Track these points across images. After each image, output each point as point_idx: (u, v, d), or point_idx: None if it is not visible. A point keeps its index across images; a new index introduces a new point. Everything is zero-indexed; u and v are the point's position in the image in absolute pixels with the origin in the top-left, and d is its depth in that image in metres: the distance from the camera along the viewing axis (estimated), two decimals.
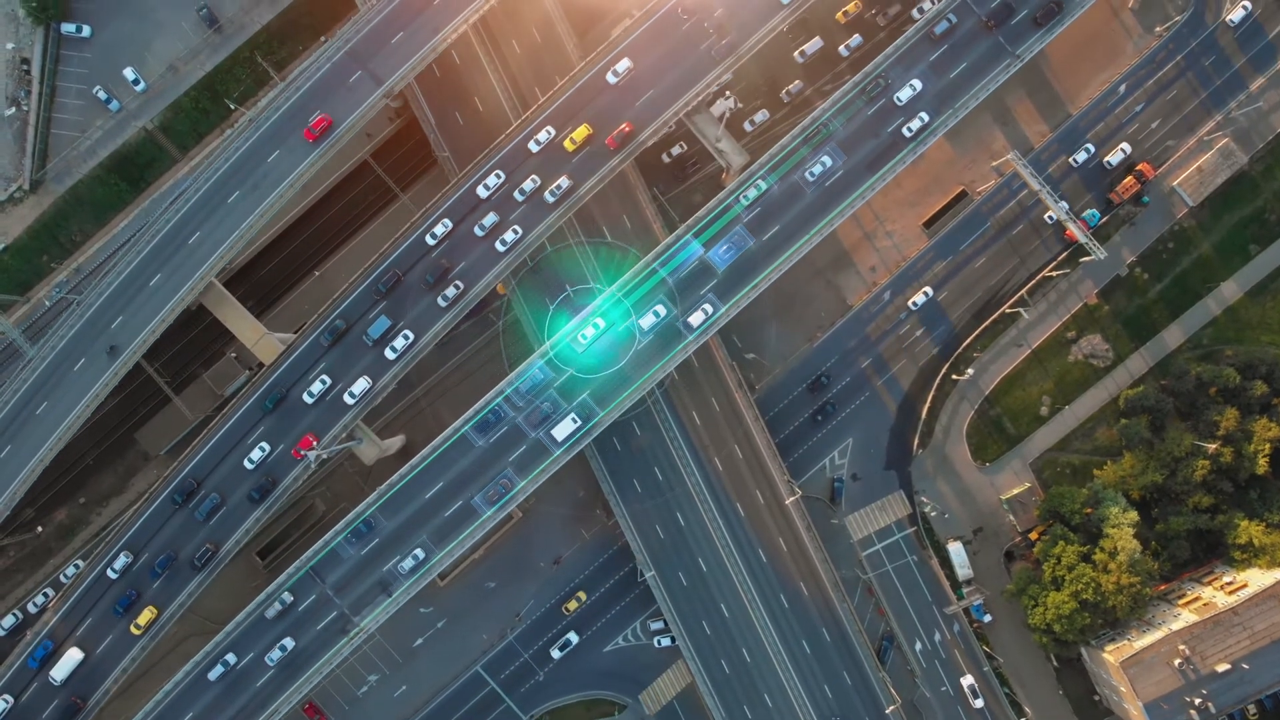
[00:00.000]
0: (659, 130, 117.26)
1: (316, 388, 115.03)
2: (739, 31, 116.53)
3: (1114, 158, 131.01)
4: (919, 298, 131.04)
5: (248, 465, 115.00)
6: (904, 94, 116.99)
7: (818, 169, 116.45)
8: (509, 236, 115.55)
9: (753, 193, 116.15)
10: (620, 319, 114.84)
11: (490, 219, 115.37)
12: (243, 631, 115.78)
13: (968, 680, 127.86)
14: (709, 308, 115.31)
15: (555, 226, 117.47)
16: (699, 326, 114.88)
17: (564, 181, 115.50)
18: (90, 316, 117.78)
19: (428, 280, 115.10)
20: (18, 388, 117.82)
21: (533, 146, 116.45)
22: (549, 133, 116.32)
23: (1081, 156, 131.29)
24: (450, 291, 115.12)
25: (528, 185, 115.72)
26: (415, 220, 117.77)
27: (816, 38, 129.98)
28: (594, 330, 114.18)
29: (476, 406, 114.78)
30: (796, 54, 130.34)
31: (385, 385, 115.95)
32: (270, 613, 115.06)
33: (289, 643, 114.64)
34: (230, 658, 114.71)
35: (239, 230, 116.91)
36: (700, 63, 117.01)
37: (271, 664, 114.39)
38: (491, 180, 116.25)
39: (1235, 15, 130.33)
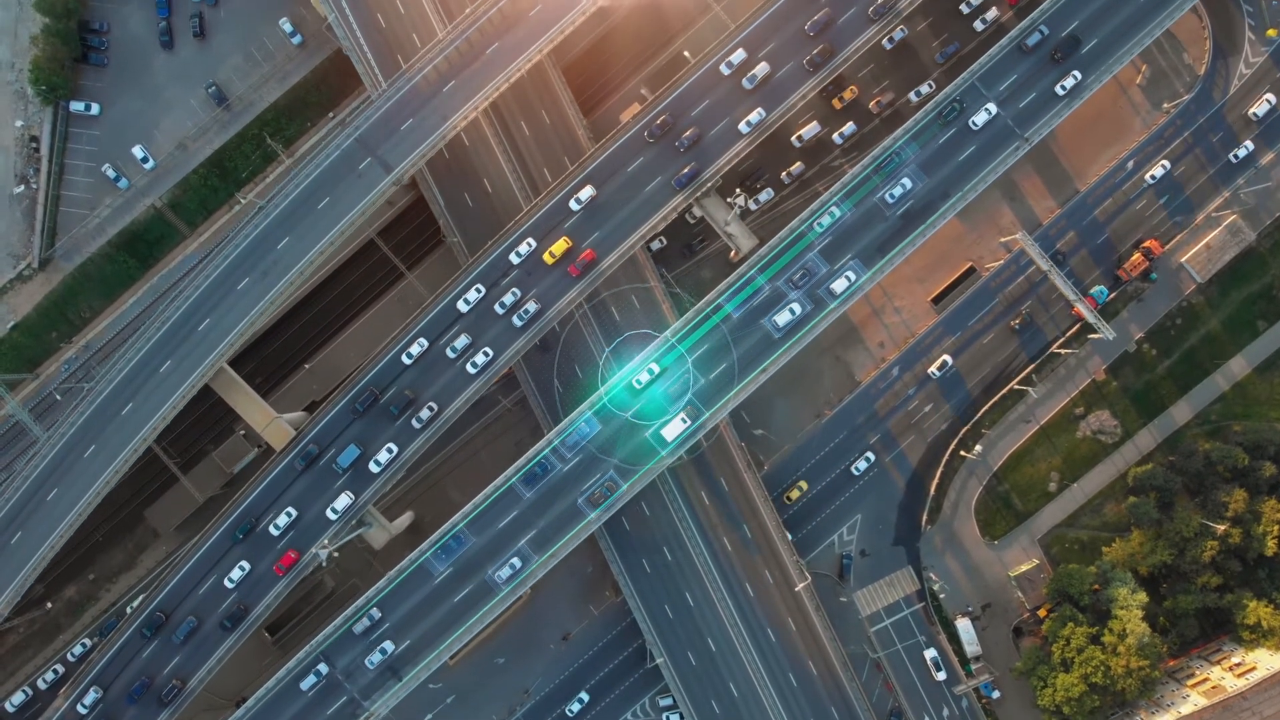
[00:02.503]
0: (621, 258, 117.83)
1: (282, 520, 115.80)
2: (700, 158, 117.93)
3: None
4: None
5: (228, 584, 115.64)
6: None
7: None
8: (479, 359, 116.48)
9: (760, 280, 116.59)
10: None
11: (462, 341, 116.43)
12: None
13: None
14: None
15: (526, 349, 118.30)
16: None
17: (531, 305, 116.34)
18: (100, 403, 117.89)
19: (392, 411, 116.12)
20: (29, 474, 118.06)
21: (514, 259, 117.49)
22: (530, 244, 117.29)
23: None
24: (424, 414, 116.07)
25: (508, 299, 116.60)
26: (395, 336, 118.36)
27: (814, 123, 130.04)
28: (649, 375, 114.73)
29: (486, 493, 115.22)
30: (794, 139, 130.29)
31: (369, 498, 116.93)
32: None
33: None
34: None
35: (248, 317, 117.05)
36: (660, 192, 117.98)
37: None
38: (472, 295, 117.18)
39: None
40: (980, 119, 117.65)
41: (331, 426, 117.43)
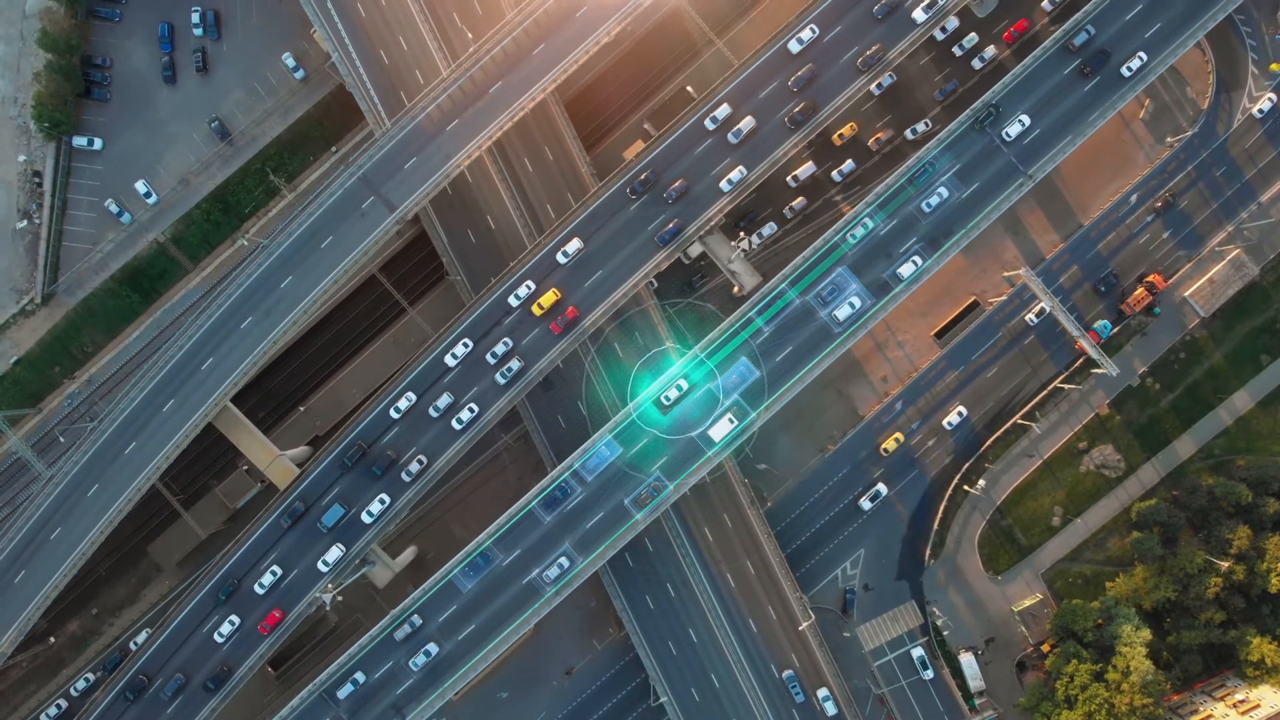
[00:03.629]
0: (605, 314, 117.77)
1: (267, 579, 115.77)
2: (684, 214, 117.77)
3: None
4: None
5: (217, 639, 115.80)
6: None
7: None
8: (465, 415, 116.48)
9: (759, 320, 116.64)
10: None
11: (444, 400, 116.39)
12: None
13: None
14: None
15: (509, 407, 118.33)
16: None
17: (515, 363, 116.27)
18: (104, 443, 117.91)
19: (375, 471, 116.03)
20: (32, 513, 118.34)
21: (503, 310, 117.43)
22: (524, 291, 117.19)
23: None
24: (414, 466, 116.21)
25: (498, 349, 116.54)
26: (383, 389, 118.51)
27: (809, 163, 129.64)
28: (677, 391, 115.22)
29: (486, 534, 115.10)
30: (789, 179, 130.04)
31: (361, 549, 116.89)
32: None
33: None
34: None
35: (251, 356, 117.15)
36: (644, 248, 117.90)
37: None
38: (460, 349, 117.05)
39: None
40: (1014, 130, 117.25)
41: (320, 481, 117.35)
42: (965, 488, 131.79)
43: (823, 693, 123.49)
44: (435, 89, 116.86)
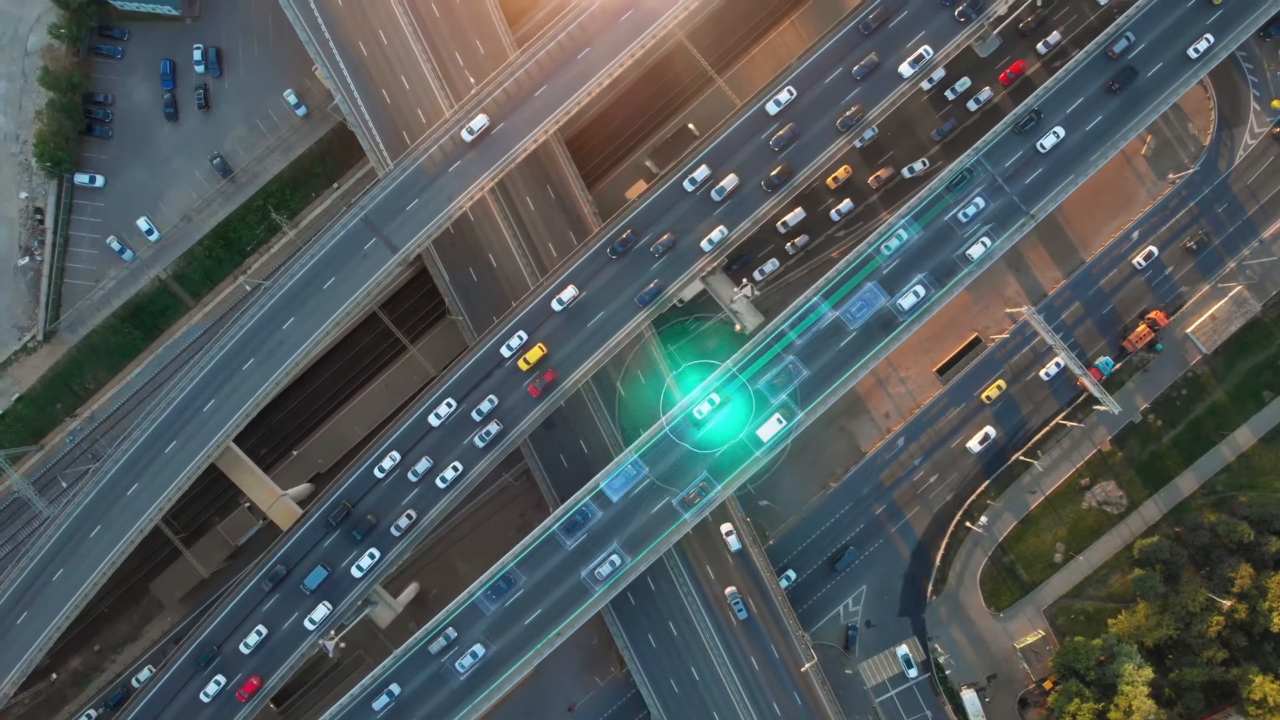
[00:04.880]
0: (585, 377, 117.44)
1: (252, 639, 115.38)
2: (665, 274, 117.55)
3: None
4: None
5: (203, 699, 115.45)
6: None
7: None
8: (449, 474, 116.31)
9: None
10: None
11: (423, 464, 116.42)
12: None
13: None
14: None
15: (491, 468, 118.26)
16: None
17: (494, 426, 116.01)
18: (106, 484, 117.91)
19: (355, 536, 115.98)
20: (35, 554, 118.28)
21: (505, 351, 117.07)
22: (516, 341, 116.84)
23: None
24: (403, 521, 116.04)
25: (483, 407, 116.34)
26: (368, 449, 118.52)
27: (799, 209, 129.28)
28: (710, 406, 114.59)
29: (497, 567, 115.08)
30: (779, 225, 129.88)
31: (349, 605, 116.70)
32: None
33: None
34: None
35: (254, 398, 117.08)
36: (624, 309, 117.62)
37: None
38: (443, 409, 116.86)
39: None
40: (1048, 141, 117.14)
41: (304, 541, 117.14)
42: (967, 524, 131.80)
43: None
44: (438, 130, 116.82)
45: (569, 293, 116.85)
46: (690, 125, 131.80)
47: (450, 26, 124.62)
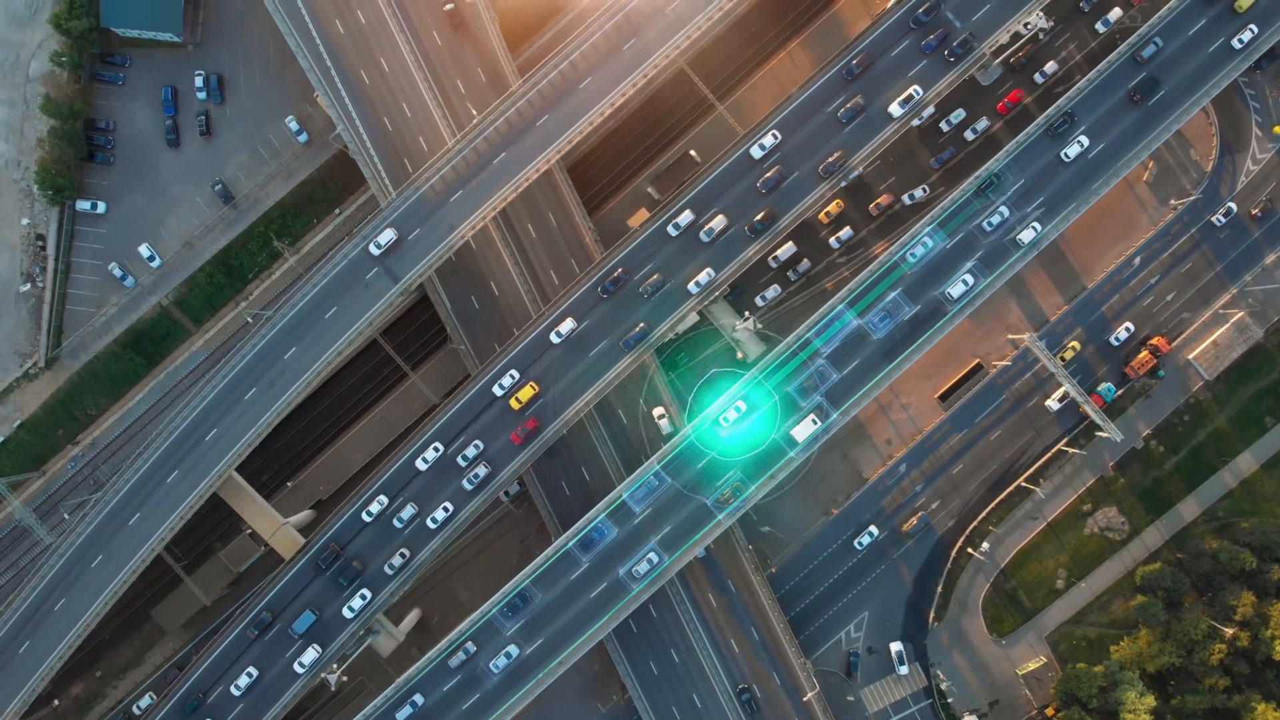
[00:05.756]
0: (567, 424, 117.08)
1: (243, 681, 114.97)
2: (651, 318, 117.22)
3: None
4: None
5: None
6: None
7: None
8: (439, 514, 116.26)
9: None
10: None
11: (409, 511, 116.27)
12: None
13: None
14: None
15: (480, 509, 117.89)
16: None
17: (482, 469, 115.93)
18: (108, 513, 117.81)
19: (341, 582, 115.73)
20: (37, 584, 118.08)
21: (496, 390, 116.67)
22: (507, 381, 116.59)
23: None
24: (396, 560, 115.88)
25: (462, 459, 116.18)
26: (355, 494, 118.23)
27: (789, 243, 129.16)
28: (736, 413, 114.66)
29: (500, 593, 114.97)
30: (770, 259, 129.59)
31: (338, 649, 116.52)
32: None
33: None
34: None
35: (255, 427, 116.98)
36: (609, 353, 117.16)
37: None
38: (430, 454, 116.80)
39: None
40: (1072, 150, 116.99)
41: (292, 585, 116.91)
42: (969, 551, 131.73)
43: None
44: (439, 160, 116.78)
45: (567, 325, 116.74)
46: (692, 152, 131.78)
47: (451, 54, 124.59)
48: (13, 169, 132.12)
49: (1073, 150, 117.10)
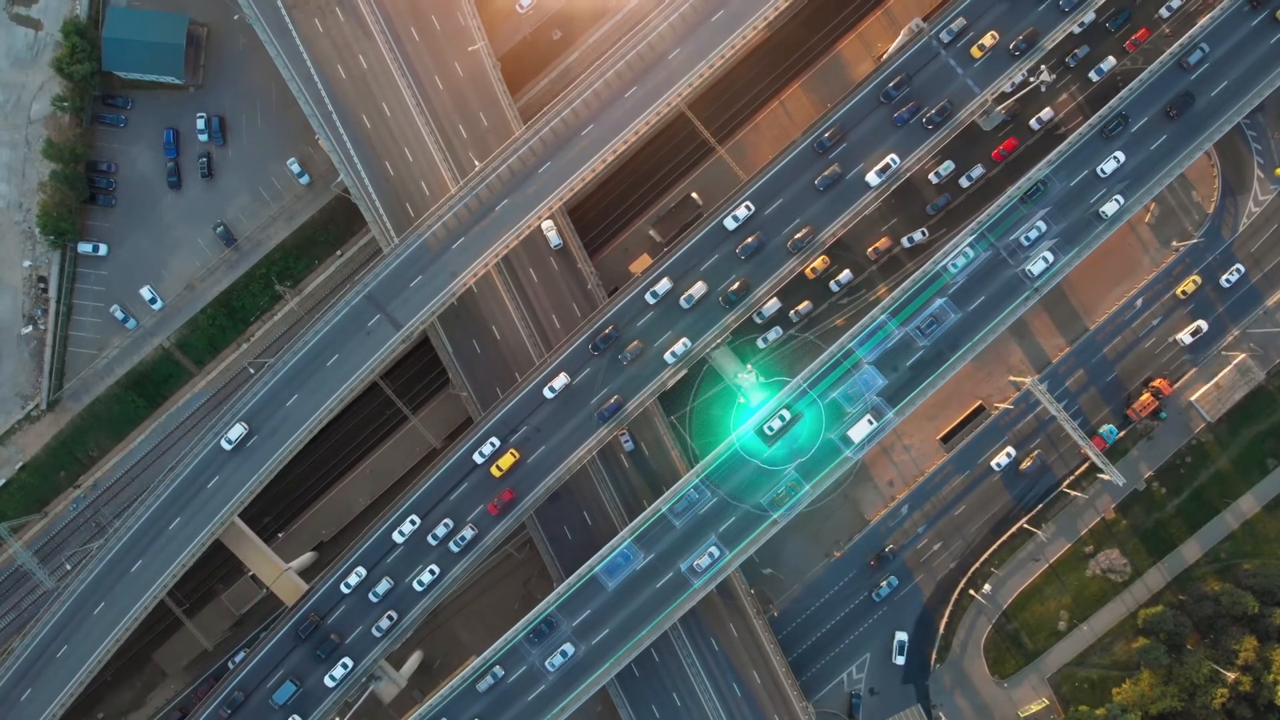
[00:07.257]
0: (545, 495, 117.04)
1: None
2: (623, 391, 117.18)
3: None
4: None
5: None
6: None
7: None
8: (425, 577, 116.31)
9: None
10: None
11: (383, 586, 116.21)
12: None
13: None
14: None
15: (469, 571, 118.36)
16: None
17: (468, 531, 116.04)
18: (110, 560, 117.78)
19: (319, 655, 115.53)
20: (39, 631, 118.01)
21: (477, 458, 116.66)
22: (487, 450, 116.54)
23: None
24: (384, 623, 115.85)
25: (432, 538, 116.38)
26: (336, 562, 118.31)
27: (774, 299, 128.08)
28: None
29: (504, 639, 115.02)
30: (755, 316, 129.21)
31: (324, 712, 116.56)
32: None
33: None
34: None
35: (257, 475, 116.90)
36: (586, 424, 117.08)
37: None
38: (407, 526, 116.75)
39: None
40: (1109, 167, 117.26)
41: (270, 657, 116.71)
42: (971, 592, 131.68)
43: None
44: (441, 207, 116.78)
45: (561, 380, 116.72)
46: (694, 194, 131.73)
47: (453, 99, 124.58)
48: (14, 211, 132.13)
49: (1109, 166, 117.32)
